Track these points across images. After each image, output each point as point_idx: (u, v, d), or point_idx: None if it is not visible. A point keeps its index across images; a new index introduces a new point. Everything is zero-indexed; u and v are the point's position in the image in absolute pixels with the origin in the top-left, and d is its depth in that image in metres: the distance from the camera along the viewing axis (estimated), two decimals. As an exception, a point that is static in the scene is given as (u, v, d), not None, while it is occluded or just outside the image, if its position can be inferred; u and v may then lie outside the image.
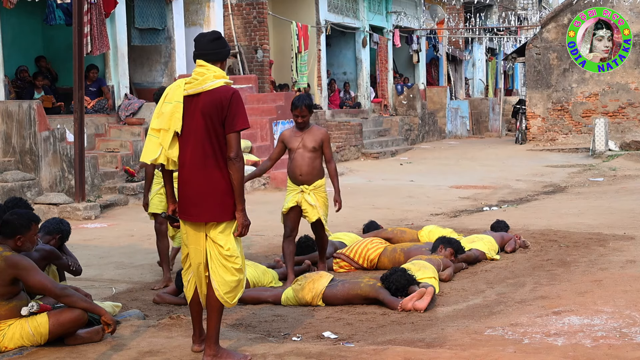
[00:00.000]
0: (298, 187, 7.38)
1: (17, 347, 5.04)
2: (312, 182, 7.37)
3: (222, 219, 4.81)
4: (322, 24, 22.28)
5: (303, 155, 7.32)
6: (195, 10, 17.91)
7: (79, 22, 11.83)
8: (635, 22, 23.93)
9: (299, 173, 7.34)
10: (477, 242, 8.31)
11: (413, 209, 12.39)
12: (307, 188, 7.35)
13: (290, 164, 7.39)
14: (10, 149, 12.14)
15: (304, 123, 7.32)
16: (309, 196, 7.35)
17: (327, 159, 7.45)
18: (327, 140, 7.39)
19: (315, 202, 7.34)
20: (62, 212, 11.28)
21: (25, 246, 5.18)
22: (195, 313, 5.07)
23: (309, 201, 7.35)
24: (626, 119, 24.28)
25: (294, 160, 7.34)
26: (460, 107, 31.99)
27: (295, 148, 7.32)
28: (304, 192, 7.36)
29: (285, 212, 7.43)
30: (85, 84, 13.33)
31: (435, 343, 5.26)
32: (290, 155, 7.39)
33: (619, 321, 5.54)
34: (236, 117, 4.77)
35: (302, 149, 7.31)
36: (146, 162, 4.97)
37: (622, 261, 7.64)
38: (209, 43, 4.89)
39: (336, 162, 19.71)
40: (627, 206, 11.82)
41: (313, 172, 7.34)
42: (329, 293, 6.55)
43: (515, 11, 37.22)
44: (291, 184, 7.42)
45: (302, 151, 7.31)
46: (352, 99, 24.89)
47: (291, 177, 7.41)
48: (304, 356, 4.89)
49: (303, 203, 7.37)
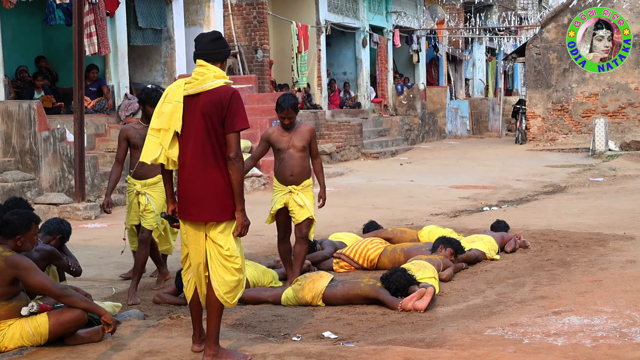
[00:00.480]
0: (286, 188, 7.20)
1: (17, 347, 5.04)
2: (301, 182, 7.21)
3: (221, 219, 4.81)
4: (322, 24, 22.28)
5: (293, 155, 7.14)
6: (195, 10, 17.92)
7: (79, 22, 11.83)
8: (635, 22, 23.93)
9: (290, 174, 7.16)
10: (477, 242, 8.31)
11: (413, 209, 12.39)
12: (295, 188, 7.18)
13: (279, 164, 7.20)
14: (10, 149, 12.14)
15: (290, 124, 7.15)
16: (298, 196, 7.18)
17: (314, 154, 7.27)
18: (314, 136, 7.25)
19: (304, 202, 7.19)
20: (62, 212, 11.28)
21: (25, 246, 5.18)
22: (195, 313, 5.07)
23: (298, 201, 7.17)
24: (626, 119, 24.27)
25: (284, 160, 7.16)
26: (460, 107, 32.00)
27: (284, 148, 7.14)
28: (292, 192, 7.18)
29: (274, 214, 7.27)
30: (85, 84, 13.34)
31: (435, 343, 5.26)
32: (278, 156, 7.20)
33: (619, 321, 5.53)
34: (236, 117, 4.77)
35: (292, 149, 7.13)
36: (146, 162, 4.97)
37: (622, 261, 7.64)
38: (209, 43, 4.89)
39: (336, 162, 19.86)
40: (627, 206, 11.82)
41: (303, 172, 7.21)
42: (329, 293, 6.55)
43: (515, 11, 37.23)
44: (278, 184, 7.23)
45: (292, 151, 7.13)
46: (352, 99, 24.90)
47: (280, 178, 7.22)
48: (304, 356, 4.89)
49: (290, 203, 7.18)
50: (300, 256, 7.29)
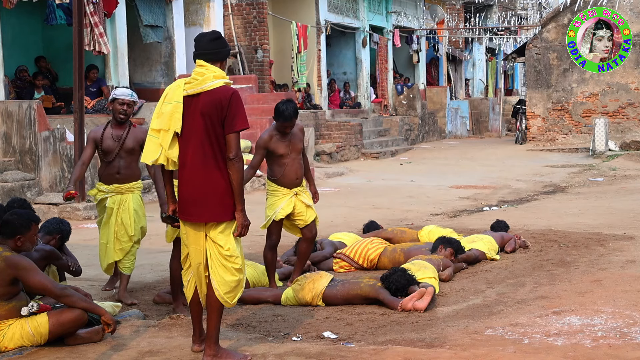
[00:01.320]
0: (291, 191, 7.07)
1: (17, 347, 5.04)
2: (302, 183, 7.18)
3: (222, 219, 4.81)
4: (322, 24, 22.28)
5: (295, 159, 7.05)
6: (195, 10, 17.92)
7: (79, 22, 11.83)
8: (635, 22, 23.93)
9: (296, 177, 7.07)
10: (477, 242, 8.31)
11: (413, 209, 12.40)
12: (299, 190, 7.12)
13: (282, 169, 7.02)
14: (10, 149, 12.15)
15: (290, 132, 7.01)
16: (304, 197, 7.13)
17: (304, 152, 7.21)
18: (304, 134, 7.25)
19: (310, 202, 7.17)
20: (62, 212, 11.28)
21: (25, 246, 5.18)
22: (195, 313, 5.07)
23: (306, 202, 7.13)
24: (626, 119, 24.28)
25: (288, 165, 7.02)
26: (460, 107, 32.01)
27: (286, 153, 7.00)
28: (297, 194, 7.10)
29: (277, 220, 7.07)
30: (85, 84, 13.34)
31: (435, 343, 5.26)
32: (279, 161, 7.02)
33: (619, 321, 5.53)
34: (236, 117, 4.76)
35: (293, 153, 7.03)
36: (147, 162, 4.97)
37: (622, 261, 7.64)
38: (209, 43, 4.88)
39: (336, 162, 19.86)
40: (627, 206, 11.82)
41: (303, 173, 7.19)
42: (329, 293, 6.55)
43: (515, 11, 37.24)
44: (281, 188, 7.06)
45: (294, 155, 7.04)
46: (352, 99, 24.90)
47: (284, 183, 7.05)
48: (304, 356, 4.89)
49: (298, 206, 7.08)
50: (306, 255, 7.29)
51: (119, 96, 6.83)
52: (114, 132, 6.85)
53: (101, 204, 6.97)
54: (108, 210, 6.90)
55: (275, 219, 7.07)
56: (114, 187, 6.89)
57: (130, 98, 6.84)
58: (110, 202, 6.88)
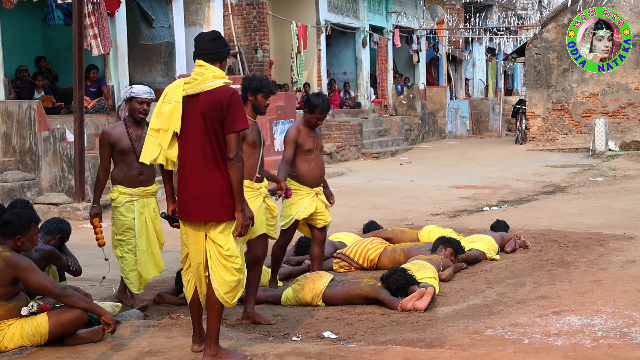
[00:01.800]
0: (312, 190, 7.00)
1: (17, 347, 5.04)
2: (322, 183, 7.15)
3: (221, 219, 4.81)
4: (322, 24, 22.28)
5: (319, 156, 7.04)
6: (195, 10, 17.91)
7: (79, 22, 11.83)
8: (635, 22, 23.93)
9: (320, 174, 7.01)
10: (477, 242, 8.31)
11: (413, 209, 12.39)
12: (319, 190, 7.07)
13: (307, 166, 6.92)
14: (10, 149, 12.15)
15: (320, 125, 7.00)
16: (323, 197, 7.09)
17: None
18: None
19: (327, 202, 7.14)
20: (62, 212, 11.28)
21: (25, 246, 5.18)
22: (195, 313, 5.07)
23: (326, 202, 7.10)
24: (626, 119, 24.27)
25: (314, 161, 6.95)
26: (460, 107, 32.00)
27: (312, 149, 6.93)
28: (318, 194, 7.04)
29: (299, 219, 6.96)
30: (85, 84, 13.33)
31: (435, 343, 5.26)
32: (305, 157, 6.92)
33: (619, 321, 5.54)
34: (235, 117, 4.76)
35: (317, 149, 7.00)
36: (145, 162, 4.97)
37: (622, 261, 7.64)
38: (209, 43, 4.89)
39: (336, 162, 19.86)
40: (627, 206, 11.82)
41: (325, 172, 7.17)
42: (329, 293, 6.55)
43: (515, 11, 37.23)
44: (303, 187, 6.95)
45: (318, 152, 7.01)
46: (352, 99, 24.90)
47: (308, 181, 6.95)
48: (304, 356, 4.89)
49: (319, 206, 7.01)
50: (320, 258, 7.21)
51: (137, 94, 6.42)
52: (132, 132, 6.45)
53: (119, 210, 6.53)
54: (139, 216, 6.49)
55: (298, 218, 6.99)
56: (140, 190, 6.51)
57: (150, 96, 6.47)
58: (139, 207, 6.50)
